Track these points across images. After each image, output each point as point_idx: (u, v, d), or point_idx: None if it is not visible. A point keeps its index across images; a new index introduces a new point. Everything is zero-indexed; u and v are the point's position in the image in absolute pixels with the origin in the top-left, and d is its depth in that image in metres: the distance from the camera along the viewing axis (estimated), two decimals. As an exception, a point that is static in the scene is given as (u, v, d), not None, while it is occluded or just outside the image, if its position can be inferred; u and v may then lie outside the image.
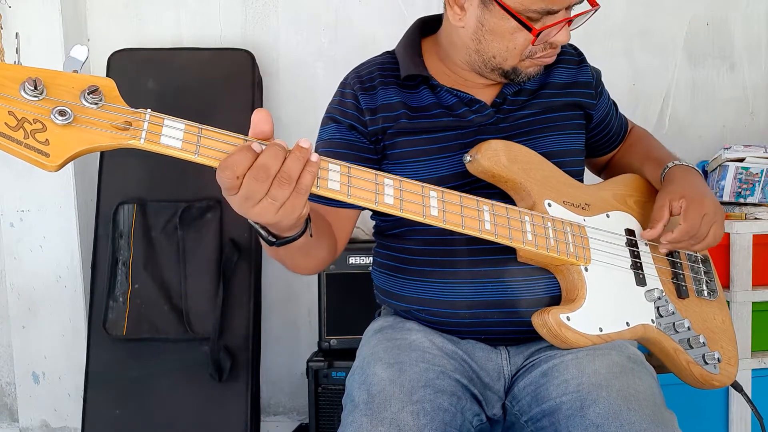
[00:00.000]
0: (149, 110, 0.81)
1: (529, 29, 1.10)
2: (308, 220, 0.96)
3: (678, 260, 1.28)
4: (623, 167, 1.41)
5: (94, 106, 0.78)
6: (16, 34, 2.13)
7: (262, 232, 0.93)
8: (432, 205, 1.01)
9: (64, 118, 0.75)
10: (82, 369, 2.22)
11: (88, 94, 0.77)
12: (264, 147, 0.83)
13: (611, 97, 1.43)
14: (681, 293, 1.24)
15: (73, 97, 0.77)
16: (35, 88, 0.74)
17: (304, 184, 0.84)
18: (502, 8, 1.10)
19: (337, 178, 0.91)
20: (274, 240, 0.94)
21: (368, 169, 0.96)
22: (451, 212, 1.02)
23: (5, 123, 0.73)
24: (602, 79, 1.38)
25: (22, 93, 0.74)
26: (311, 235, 0.97)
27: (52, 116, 0.75)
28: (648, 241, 1.22)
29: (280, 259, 1.06)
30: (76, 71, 0.78)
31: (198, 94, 2.25)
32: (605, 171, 1.51)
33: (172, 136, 0.81)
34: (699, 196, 1.20)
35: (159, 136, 0.80)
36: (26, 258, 2.38)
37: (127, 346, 2.17)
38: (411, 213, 0.99)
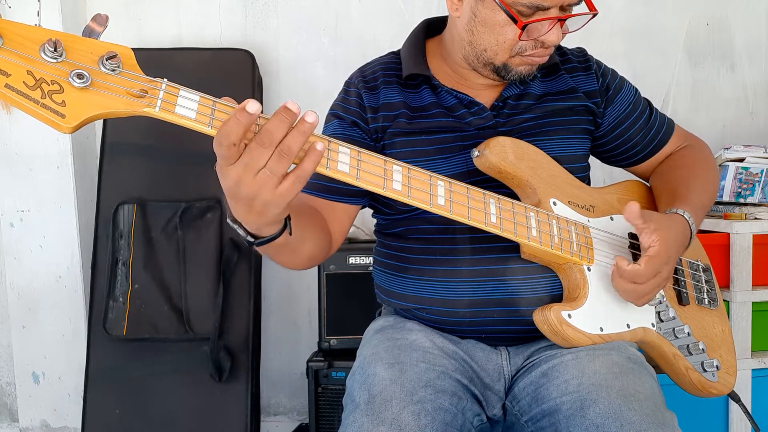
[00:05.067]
0: (165, 80, 0.82)
1: (516, 22, 1.10)
2: (287, 218, 0.94)
3: (680, 267, 1.27)
4: (654, 192, 1.32)
5: (112, 72, 0.78)
6: None
7: (241, 231, 0.92)
8: (439, 194, 1.01)
9: (81, 81, 0.76)
10: (82, 369, 2.23)
11: (107, 60, 0.78)
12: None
13: (652, 111, 1.34)
14: (682, 300, 1.24)
15: (91, 62, 0.78)
16: (55, 49, 0.75)
17: (306, 171, 0.83)
18: (493, 0, 1.10)
19: (347, 160, 0.91)
20: (252, 240, 0.93)
21: (378, 155, 0.96)
22: (457, 203, 1.03)
23: (23, 82, 0.74)
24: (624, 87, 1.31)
25: (42, 54, 0.76)
26: (290, 233, 0.96)
27: (69, 79, 0.76)
28: (628, 217, 1.09)
29: (268, 255, 1.04)
30: (95, 38, 0.79)
31: (198, 94, 2.25)
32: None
33: (187, 107, 0.81)
34: (667, 253, 1.09)
35: (174, 106, 0.81)
36: (26, 258, 2.38)
37: (127, 346, 2.17)
38: (418, 201, 0.99)
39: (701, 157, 1.34)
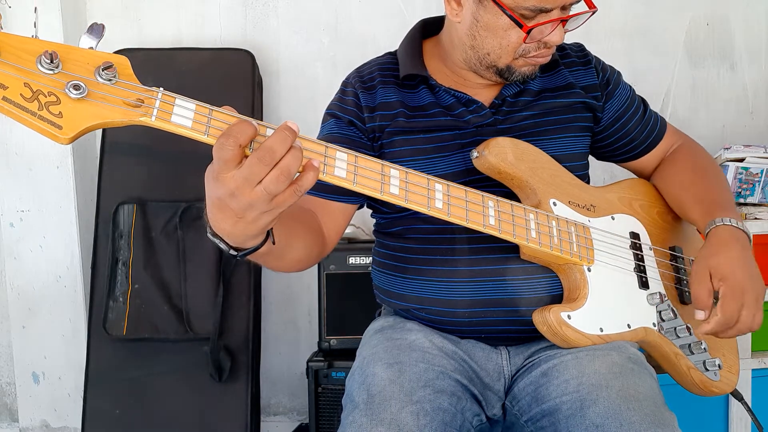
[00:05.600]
0: (161, 89, 0.82)
1: (521, 26, 1.10)
2: (269, 229, 0.92)
3: (681, 266, 1.27)
4: (673, 198, 1.30)
5: (108, 82, 0.79)
6: (35, 8, 2.13)
7: (222, 246, 0.89)
8: (437, 198, 1.01)
9: (78, 92, 0.77)
10: (82, 369, 2.22)
11: (103, 70, 0.78)
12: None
13: (646, 106, 1.35)
14: (684, 299, 1.24)
15: (87, 73, 0.78)
16: (51, 61, 0.76)
17: (304, 187, 0.82)
18: (495, 5, 1.10)
19: (344, 166, 0.91)
20: (235, 253, 0.91)
21: (375, 159, 0.95)
22: (455, 205, 1.03)
23: (20, 94, 0.75)
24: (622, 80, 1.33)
25: (39, 66, 0.76)
26: (273, 242, 0.94)
27: (66, 90, 0.76)
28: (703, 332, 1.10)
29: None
30: (92, 48, 0.80)
31: (198, 94, 2.19)
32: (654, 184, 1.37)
33: (183, 116, 0.82)
34: (740, 282, 1.09)
35: (170, 115, 0.81)
36: (26, 258, 2.38)
37: (127, 346, 2.17)
38: (416, 204, 0.99)
39: (702, 155, 1.35)
